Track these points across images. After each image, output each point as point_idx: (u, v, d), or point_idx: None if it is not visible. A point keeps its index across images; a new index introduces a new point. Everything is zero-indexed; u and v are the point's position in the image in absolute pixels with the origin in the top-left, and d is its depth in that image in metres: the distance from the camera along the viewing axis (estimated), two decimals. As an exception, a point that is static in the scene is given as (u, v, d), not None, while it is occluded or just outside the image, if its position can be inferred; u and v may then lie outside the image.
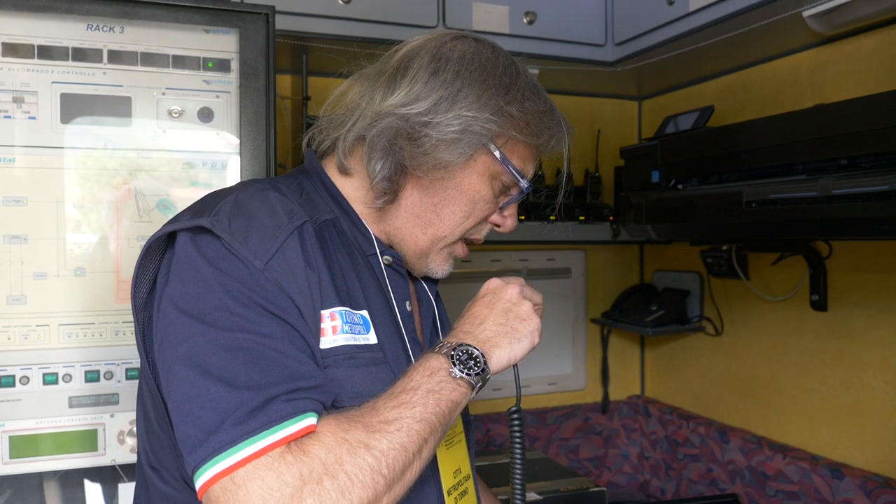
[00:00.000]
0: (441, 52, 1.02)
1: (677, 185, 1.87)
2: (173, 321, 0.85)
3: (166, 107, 1.43)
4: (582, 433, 2.55)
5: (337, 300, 0.93)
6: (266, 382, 0.79)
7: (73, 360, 1.38)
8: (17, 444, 1.34)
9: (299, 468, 0.75)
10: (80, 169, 1.38)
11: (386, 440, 0.80)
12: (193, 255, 0.88)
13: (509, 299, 1.01)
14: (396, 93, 0.99)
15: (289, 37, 1.77)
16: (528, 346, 0.99)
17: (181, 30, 1.43)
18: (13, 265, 1.34)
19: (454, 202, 1.04)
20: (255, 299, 0.85)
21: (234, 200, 0.92)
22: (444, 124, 0.97)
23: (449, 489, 1.06)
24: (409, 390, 0.86)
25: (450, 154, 0.98)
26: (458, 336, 0.96)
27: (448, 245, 1.08)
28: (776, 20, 1.67)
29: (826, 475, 1.81)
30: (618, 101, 2.58)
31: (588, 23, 2.06)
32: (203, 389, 0.79)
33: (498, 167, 1.03)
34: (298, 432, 0.78)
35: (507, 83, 1.01)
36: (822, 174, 1.44)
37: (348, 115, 1.04)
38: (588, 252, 2.59)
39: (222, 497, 0.74)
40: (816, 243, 1.87)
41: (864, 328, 1.80)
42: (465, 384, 0.90)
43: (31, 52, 1.35)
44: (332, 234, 1.00)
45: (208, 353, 0.81)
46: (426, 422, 0.84)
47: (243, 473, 0.74)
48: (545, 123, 1.04)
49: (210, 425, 0.77)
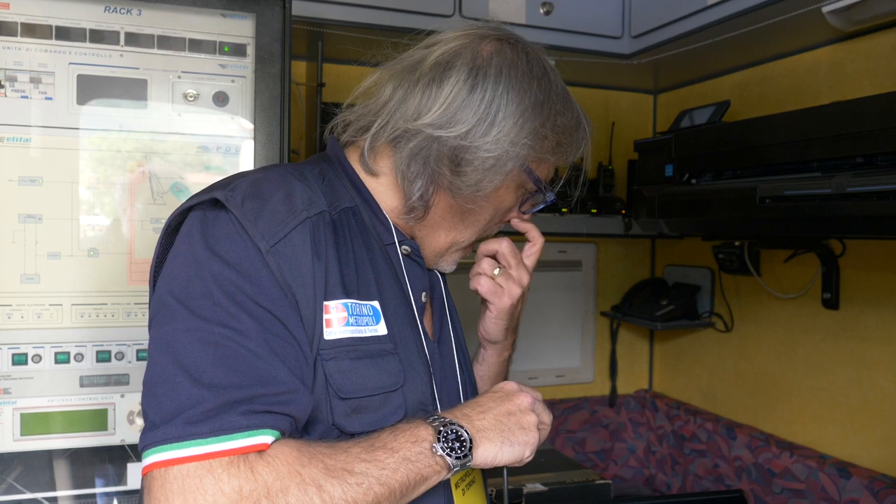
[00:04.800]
0: (477, 63, 0.99)
1: (691, 180, 1.86)
2: (162, 302, 0.86)
3: (182, 90, 1.43)
4: (589, 426, 2.55)
5: (343, 292, 0.93)
6: (229, 384, 0.79)
7: (84, 340, 1.39)
8: (29, 421, 1.36)
9: (241, 483, 0.75)
10: (94, 150, 1.39)
11: (341, 489, 0.79)
12: (195, 236, 0.88)
13: (518, 404, 0.99)
14: (432, 109, 0.98)
15: (305, 23, 1.77)
16: (517, 454, 0.96)
17: (198, 13, 1.43)
18: (27, 244, 1.35)
19: (480, 212, 1.05)
20: (243, 288, 0.84)
21: (252, 181, 0.93)
22: (483, 149, 0.97)
23: (457, 481, 1.05)
24: (388, 450, 0.85)
25: (489, 182, 0.99)
26: (457, 415, 0.94)
27: (462, 249, 1.10)
28: (795, 15, 1.65)
29: (833, 474, 1.81)
30: (633, 95, 2.56)
31: (605, 15, 2.05)
32: (170, 376, 0.80)
33: (526, 179, 1.04)
34: (246, 448, 0.77)
35: (541, 100, 1.00)
36: (838, 171, 1.43)
37: (376, 115, 1.03)
38: (599, 245, 2.58)
39: (154, 485, 0.76)
40: (830, 241, 1.86)
41: (875, 327, 1.79)
42: (443, 464, 0.88)
43: (49, 33, 1.35)
44: (351, 223, 1.00)
45: (183, 342, 0.82)
46: (388, 487, 0.83)
47: (180, 470, 0.75)
48: (573, 139, 1.05)
49: (166, 415, 0.78)
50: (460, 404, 0.99)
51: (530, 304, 2.49)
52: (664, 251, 2.61)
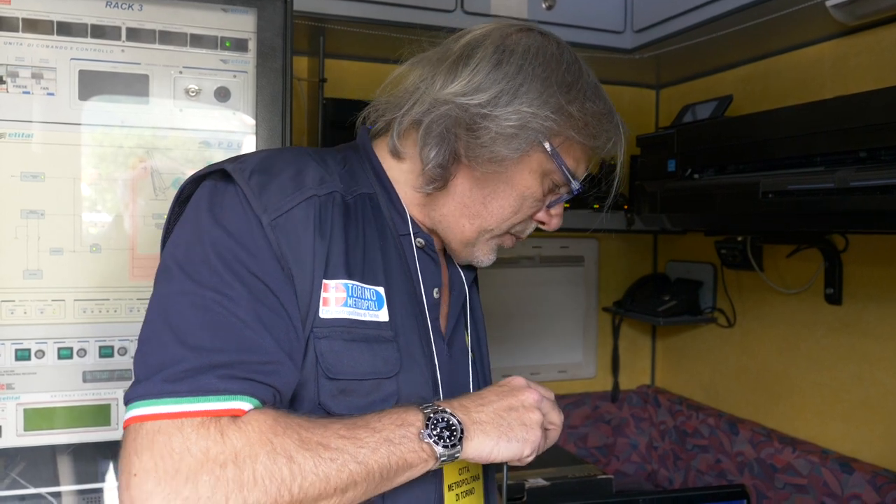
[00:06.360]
0: (505, 43, 1.00)
1: (693, 175, 1.85)
2: (166, 266, 0.88)
3: (183, 86, 1.43)
4: (591, 421, 2.55)
5: (346, 273, 0.93)
6: (212, 348, 0.80)
7: (87, 336, 1.39)
8: (32, 416, 1.36)
9: (208, 444, 0.75)
10: (96, 146, 1.38)
11: (312, 462, 0.78)
12: (202, 205, 0.90)
13: (522, 400, 0.95)
14: (457, 81, 0.98)
15: (306, 17, 1.77)
16: (516, 451, 0.91)
17: (199, 8, 1.43)
18: (30, 240, 1.35)
19: (503, 196, 1.03)
20: (240, 257, 0.85)
21: (264, 156, 0.94)
22: (503, 118, 0.96)
23: (451, 484, 1.03)
24: (370, 429, 0.83)
25: (506, 148, 0.97)
26: (453, 405, 0.90)
27: (495, 237, 1.07)
28: (798, 9, 1.65)
29: (835, 469, 1.81)
30: (636, 90, 2.55)
31: (607, 9, 2.04)
32: (158, 335, 0.82)
33: (551, 165, 1.02)
34: (218, 411, 0.77)
35: (569, 81, 0.99)
36: (841, 166, 1.43)
37: (405, 98, 1.03)
38: (601, 241, 2.58)
39: (129, 438, 0.77)
40: (833, 236, 1.85)
41: (877, 323, 1.79)
42: (429, 451, 0.85)
43: (51, 29, 1.35)
44: (367, 208, 1.00)
45: (175, 304, 0.83)
46: (365, 466, 0.81)
47: (152, 426, 0.76)
48: (603, 126, 1.03)
49: (149, 371, 0.80)
50: (460, 395, 0.97)
51: (532, 300, 2.50)
52: (666, 246, 2.60)
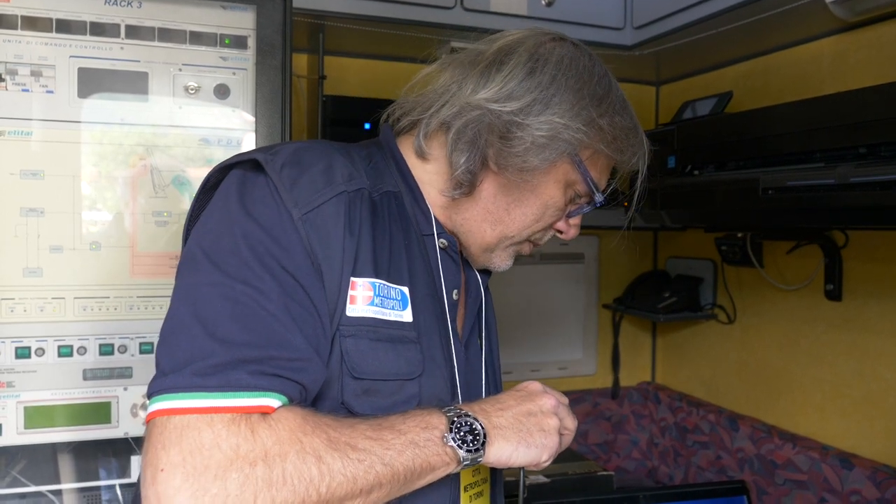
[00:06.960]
0: (539, 52, 1.00)
1: (693, 171, 1.85)
2: (192, 255, 0.86)
3: (183, 83, 1.43)
4: (591, 418, 2.56)
5: (373, 271, 0.92)
6: (242, 341, 0.79)
7: (87, 333, 1.39)
8: (32, 414, 1.36)
9: (239, 441, 0.74)
10: (96, 144, 1.38)
11: (341, 462, 0.77)
12: (231, 195, 0.89)
13: (540, 406, 0.96)
14: (489, 86, 0.98)
15: (305, 14, 1.77)
16: (534, 457, 0.93)
17: (198, 5, 1.43)
18: (29, 238, 1.35)
19: (527, 204, 1.03)
20: (271, 250, 0.84)
21: (295, 149, 0.93)
22: (535, 127, 0.96)
23: (466, 485, 1.03)
24: (395, 431, 0.83)
25: (537, 158, 0.97)
26: (474, 409, 0.91)
27: (515, 244, 1.07)
28: (798, 6, 1.65)
29: (836, 465, 1.81)
30: (635, 86, 2.55)
31: (607, 6, 2.04)
32: (186, 327, 0.80)
33: (576, 176, 1.02)
34: (250, 408, 0.77)
35: (600, 94, 1.00)
36: (841, 162, 1.43)
37: (434, 99, 1.02)
38: (601, 237, 2.58)
39: (154, 432, 0.75)
40: (833, 232, 1.85)
41: (877, 319, 1.79)
42: (452, 455, 0.86)
43: (50, 26, 1.35)
44: (392, 207, 0.99)
45: (204, 295, 0.82)
46: (391, 468, 0.81)
47: (181, 420, 0.74)
48: (630, 140, 1.04)
49: (177, 364, 0.78)
50: (480, 399, 0.97)
51: (532, 297, 2.49)
52: (666, 243, 2.60)
